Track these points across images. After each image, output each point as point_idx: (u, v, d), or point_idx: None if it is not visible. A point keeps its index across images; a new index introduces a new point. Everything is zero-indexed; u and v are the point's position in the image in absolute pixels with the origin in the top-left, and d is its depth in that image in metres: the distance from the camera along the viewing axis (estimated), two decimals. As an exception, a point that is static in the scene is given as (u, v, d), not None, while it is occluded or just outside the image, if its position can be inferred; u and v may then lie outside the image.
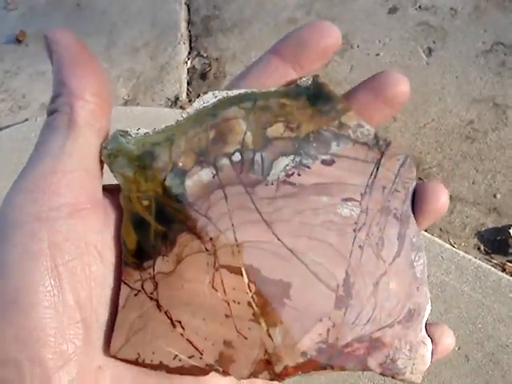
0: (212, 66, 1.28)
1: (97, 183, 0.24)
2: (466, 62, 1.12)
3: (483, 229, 0.96)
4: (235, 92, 0.25)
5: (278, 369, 0.24)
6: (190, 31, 1.36)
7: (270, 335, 0.24)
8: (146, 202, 0.24)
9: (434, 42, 1.16)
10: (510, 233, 0.93)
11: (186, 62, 1.30)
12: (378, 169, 0.26)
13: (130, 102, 1.25)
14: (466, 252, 0.91)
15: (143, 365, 0.24)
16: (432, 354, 0.27)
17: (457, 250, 0.89)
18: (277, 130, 0.25)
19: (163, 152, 0.24)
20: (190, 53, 1.32)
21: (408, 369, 0.26)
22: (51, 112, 0.24)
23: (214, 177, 0.24)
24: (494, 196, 0.98)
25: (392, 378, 0.26)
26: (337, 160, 0.25)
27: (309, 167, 0.25)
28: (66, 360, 0.21)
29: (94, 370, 0.23)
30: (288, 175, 0.25)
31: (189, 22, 1.37)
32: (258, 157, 0.25)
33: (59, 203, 0.22)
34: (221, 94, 0.25)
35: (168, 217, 0.24)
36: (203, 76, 1.26)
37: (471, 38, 1.15)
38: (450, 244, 0.93)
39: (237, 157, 0.24)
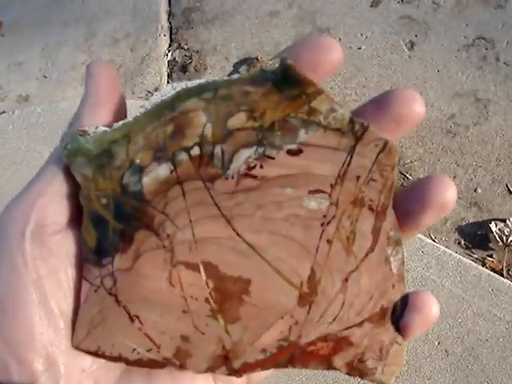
0: (193, 59, 1.26)
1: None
2: (447, 56, 1.12)
3: (464, 223, 0.96)
4: (195, 82, 0.24)
5: (236, 365, 0.25)
6: (170, 23, 1.34)
7: (227, 331, 0.24)
8: (104, 201, 0.24)
9: (416, 36, 1.16)
10: (490, 227, 0.93)
11: (167, 55, 1.28)
12: (351, 157, 0.24)
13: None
14: (446, 247, 0.91)
15: (103, 357, 0.24)
16: (417, 326, 0.25)
17: (437, 245, 0.89)
18: (238, 120, 0.23)
19: (121, 150, 0.24)
20: (170, 45, 1.30)
21: (378, 369, 0.25)
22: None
23: (171, 172, 0.24)
24: (475, 190, 0.98)
25: (360, 377, 0.25)
26: (304, 149, 0.24)
27: (273, 158, 0.24)
28: (52, 363, 0.23)
29: (78, 373, 0.24)
30: (249, 168, 0.24)
31: (169, 14, 1.35)
32: (217, 150, 0.24)
33: (47, 221, 0.24)
34: (180, 86, 0.24)
35: (126, 214, 0.24)
36: (184, 68, 1.24)
37: (453, 32, 1.15)
38: (431, 238, 0.93)
39: (195, 151, 0.24)
